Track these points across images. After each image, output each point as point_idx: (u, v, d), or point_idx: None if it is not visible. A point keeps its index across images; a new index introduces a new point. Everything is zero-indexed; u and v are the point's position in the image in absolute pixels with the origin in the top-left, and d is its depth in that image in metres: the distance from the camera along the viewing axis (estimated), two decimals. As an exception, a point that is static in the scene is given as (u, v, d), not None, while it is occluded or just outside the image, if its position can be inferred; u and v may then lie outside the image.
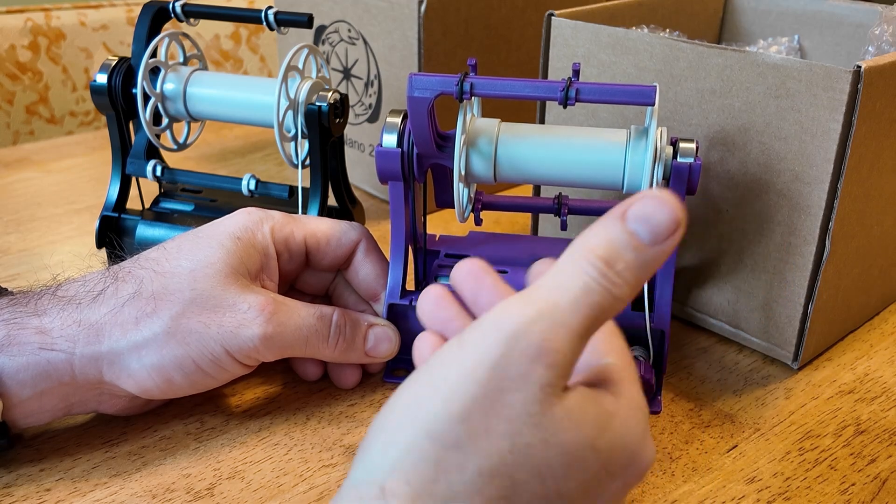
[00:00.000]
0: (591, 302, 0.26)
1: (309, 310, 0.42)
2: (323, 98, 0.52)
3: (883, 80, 0.42)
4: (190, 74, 0.55)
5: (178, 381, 0.39)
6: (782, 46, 0.64)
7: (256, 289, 0.41)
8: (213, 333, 0.39)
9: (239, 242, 0.41)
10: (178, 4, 0.55)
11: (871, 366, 0.48)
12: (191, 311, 0.39)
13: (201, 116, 0.56)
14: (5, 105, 1.02)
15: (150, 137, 0.55)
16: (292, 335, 0.40)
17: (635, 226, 0.26)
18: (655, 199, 0.26)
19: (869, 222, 0.47)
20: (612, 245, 0.26)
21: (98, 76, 0.54)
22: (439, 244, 0.50)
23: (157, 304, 0.39)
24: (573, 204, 0.48)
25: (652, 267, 0.27)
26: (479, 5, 0.63)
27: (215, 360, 0.39)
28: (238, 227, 0.42)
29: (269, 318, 0.39)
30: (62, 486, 0.38)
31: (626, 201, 0.27)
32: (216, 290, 0.39)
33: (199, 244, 0.41)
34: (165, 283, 0.39)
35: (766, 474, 0.40)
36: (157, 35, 0.54)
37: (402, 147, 0.43)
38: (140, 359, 0.38)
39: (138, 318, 0.38)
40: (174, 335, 0.38)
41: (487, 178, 0.44)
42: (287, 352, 0.41)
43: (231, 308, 0.39)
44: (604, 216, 0.27)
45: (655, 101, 0.39)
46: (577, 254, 0.27)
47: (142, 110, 0.53)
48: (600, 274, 0.26)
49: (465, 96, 0.40)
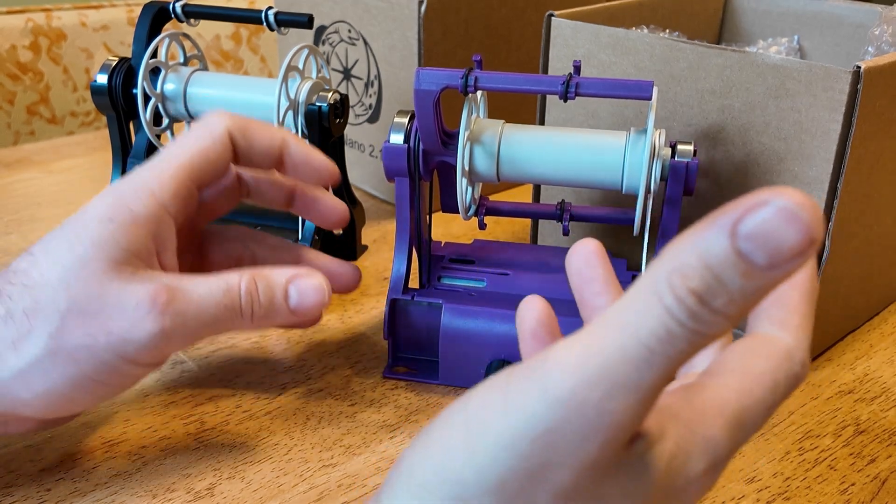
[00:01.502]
0: (671, 352, 0.19)
1: (211, 285, 0.35)
2: (323, 98, 0.52)
3: (883, 80, 0.42)
4: (190, 75, 0.55)
5: (81, 399, 0.35)
6: (782, 47, 0.64)
7: (143, 275, 0.35)
8: (102, 344, 0.33)
9: (113, 224, 0.34)
10: (178, 5, 0.55)
11: (871, 366, 0.48)
12: (71, 324, 0.33)
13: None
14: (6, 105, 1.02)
15: (150, 138, 0.55)
16: (195, 321, 0.35)
17: (748, 245, 0.17)
18: (779, 208, 0.17)
19: (869, 222, 0.47)
20: (712, 273, 0.18)
21: (98, 76, 0.54)
22: (444, 250, 0.50)
23: (32, 323, 0.33)
24: (575, 210, 0.48)
25: (764, 295, 0.18)
26: (479, 5, 0.63)
27: (114, 370, 0.34)
28: (106, 206, 0.35)
29: (162, 311, 0.34)
30: (62, 486, 0.38)
31: (733, 205, 0.18)
32: (94, 292, 0.33)
33: (67, 241, 0.34)
34: (36, 296, 0.33)
35: (766, 474, 0.40)
36: (158, 35, 0.54)
37: (409, 143, 0.44)
38: (29, 387, 0.34)
39: (15, 341, 0.33)
40: (58, 354, 0.33)
41: (490, 177, 0.44)
42: (195, 339, 0.36)
43: (116, 309, 0.34)
44: (699, 225, 0.19)
45: (652, 95, 0.39)
46: (660, 282, 0.19)
47: (142, 111, 0.53)
48: (690, 314, 0.18)
49: (470, 90, 0.41)
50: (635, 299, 0.19)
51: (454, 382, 0.45)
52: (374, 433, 0.42)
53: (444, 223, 0.65)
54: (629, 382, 0.19)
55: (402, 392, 0.45)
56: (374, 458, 0.40)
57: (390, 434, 0.42)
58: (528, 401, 0.21)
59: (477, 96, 0.47)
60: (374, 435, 0.42)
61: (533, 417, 0.20)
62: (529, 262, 0.49)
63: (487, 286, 0.47)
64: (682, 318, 0.18)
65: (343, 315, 0.53)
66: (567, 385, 0.20)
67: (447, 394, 0.45)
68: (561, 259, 0.50)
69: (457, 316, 0.44)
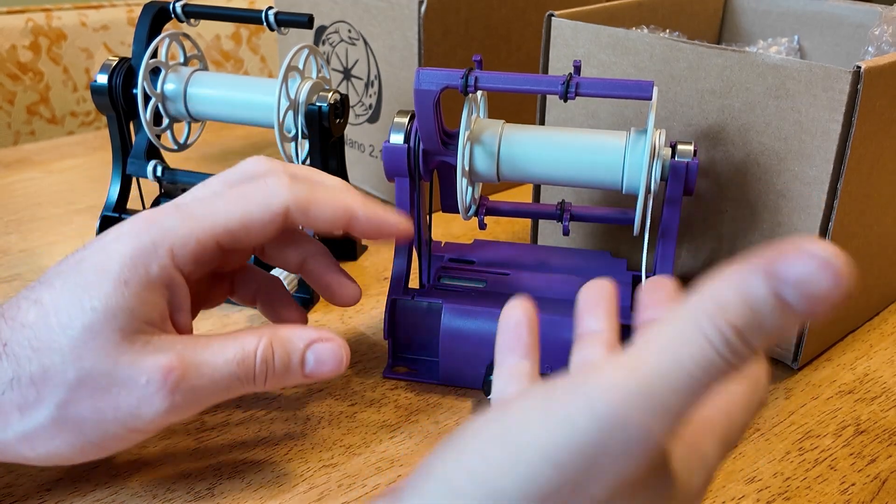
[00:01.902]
0: (706, 380, 0.20)
1: (227, 354, 0.34)
2: (323, 98, 0.52)
3: (883, 80, 0.42)
4: (190, 75, 0.55)
5: (83, 459, 0.35)
6: (782, 47, 0.64)
7: (156, 344, 0.33)
8: (109, 418, 0.33)
9: (128, 288, 0.33)
10: (178, 5, 0.55)
11: (871, 366, 0.48)
12: (79, 396, 0.32)
13: (202, 117, 0.56)
14: (6, 105, 1.02)
15: (150, 138, 0.55)
16: (208, 394, 0.34)
17: (786, 289, 0.19)
18: (815, 257, 0.19)
19: (869, 222, 0.47)
20: (752, 311, 0.20)
21: (98, 77, 0.54)
22: (444, 250, 0.50)
23: (40, 392, 0.32)
24: (576, 210, 0.48)
25: (794, 329, 0.21)
26: (479, 5, 0.63)
27: (120, 439, 0.34)
28: (124, 265, 0.33)
29: (172, 390, 0.33)
30: (62, 486, 0.38)
31: (772, 249, 0.20)
32: (106, 366, 0.32)
33: (79, 299, 0.33)
34: (44, 363, 0.32)
35: (766, 474, 0.40)
36: (158, 35, 0.54)
37: (409, 143, 0.44)
38: (33, 448, 0.33)
39: (21, 406, 0.33)
40: (64, 425, 0.33)
41: (491, 177, 0.44)
42: (203, 408, 0.35)
43: (127, 384, 0.33)
44: (741, 265, 0.20)
45: (651, 95, 0.39)
46: (702, 313, 0.20)
47: (142, 111, 0.53)
48: (727, 346, 0.20)
49: (470, 90, 0.41)
50: (676, 328, 0.21)
51: (454, 382, 0.45)
52: (374, 433, 0.42)
53: (445, 223, 0.65)
54: (670, 404, 0.21)
55: (402, 392, 0.45)
56: (374, 458, 0.40)
57: (390, 434, 0.42)
58: (572, 415, 0.21)
59: (477, 96, 0.47)
60: (374, 435, 0.42)
61: (577, 431, 0.21)
62: (529, 262, 0.49)
63: (487, 286, 0.47)
64: (721, 349, 0.20)
65: (343, 315, 0.53)
66: (613, 402, 0.21)
67: (447, 394, 0.45)
68: (561, 259, 0.50)
69: (457, 316, 0.44)
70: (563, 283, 0.47)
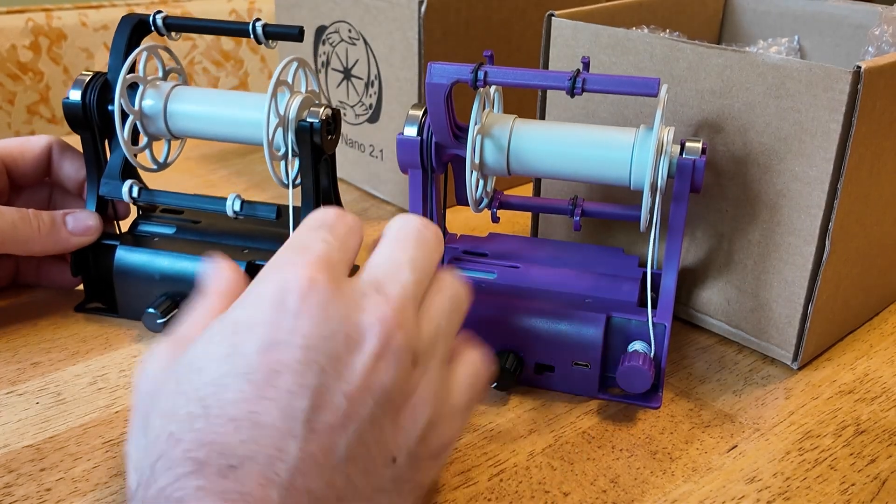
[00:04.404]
0: None
1: (11, 208, 0.49)
2: (314, 114, 0.48)
3: (883, 80, 0.42)
4: (171, 90, 0.51)
5: None
6: (782, 47, 0.64)
7: None
8: None
9: None
10: (159, 17, 0.51)
11: (871, 366, 0.48)
12: None
13: (184, 134, 0.51)
14: (6, 105, 1.02)
15: (128, 157, 0.51)
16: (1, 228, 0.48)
17: None
18: None
19: (869, 222, 0.47)
20: None
21: (71, 93, 0.50)
22: (459, 242, 0.51)
23: None
24: (586, 207, 0.49)
25: None
26: (479, 5, 0.63)
27: None
28: None
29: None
30: (62, 486, 0.38)
31: None
32: None
33: None
34: None
35: (766, 474, 0.40)
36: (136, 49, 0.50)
37: (422, 136, 0.45)
38: None
39: None
40: None
41: (501, 170, 0.45)
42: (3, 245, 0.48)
43: None
44: None
45: (657, 92, 0.40)
46: None
47: (119, 129, 0.49)
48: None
49: (480, 84, 0.41)
50: None
51: None
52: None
53: (464, 217, 0.65)
54: None
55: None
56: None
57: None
58: None
59: (490, 91, 0.47)
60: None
61: None
62: (540, 255, 0.50)
63: (497, 278, 0.48)
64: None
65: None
66: None
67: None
68: (570, 253, 0.51)
69: None
70: (570, 276, 0.48)
